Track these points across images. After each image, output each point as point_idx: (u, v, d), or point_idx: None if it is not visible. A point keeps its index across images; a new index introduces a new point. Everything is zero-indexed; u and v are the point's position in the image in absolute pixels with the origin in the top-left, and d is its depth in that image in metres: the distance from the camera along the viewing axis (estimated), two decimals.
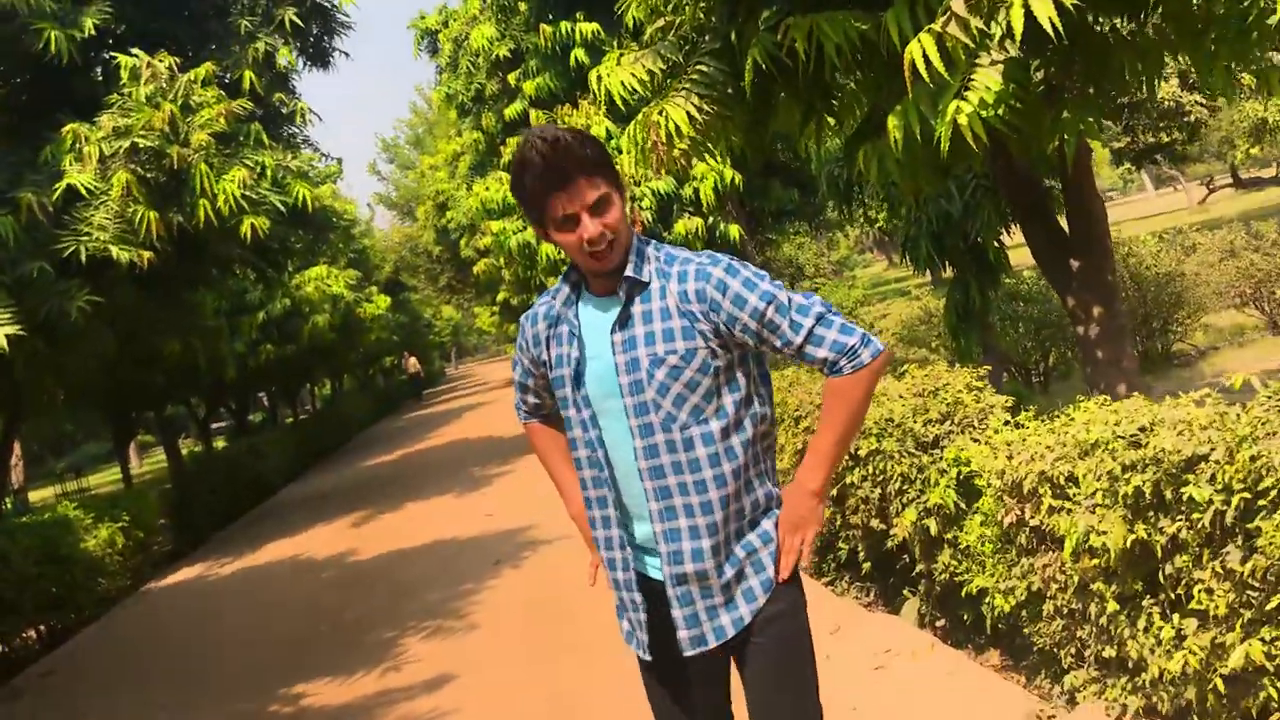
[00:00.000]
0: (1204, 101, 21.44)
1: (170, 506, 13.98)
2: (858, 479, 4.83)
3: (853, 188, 10.00)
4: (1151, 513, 2.83)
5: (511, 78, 14.60)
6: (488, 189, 13.02)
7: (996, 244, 8.90)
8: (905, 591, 4.92)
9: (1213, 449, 2.59)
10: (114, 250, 9.35)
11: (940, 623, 4.71)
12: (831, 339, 2.11)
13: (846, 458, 4.86)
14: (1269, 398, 2.65)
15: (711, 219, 12.04)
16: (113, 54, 9.91)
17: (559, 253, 12.01)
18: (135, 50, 9.73)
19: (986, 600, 3.96)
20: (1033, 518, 3.42)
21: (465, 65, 16.36)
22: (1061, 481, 3.23)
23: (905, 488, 4.47)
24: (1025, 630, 3.78)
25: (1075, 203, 5.49)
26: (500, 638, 5.82)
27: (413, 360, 40.27)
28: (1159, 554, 2.83)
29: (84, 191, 9.46)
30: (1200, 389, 2.97)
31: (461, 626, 6.14)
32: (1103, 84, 4.80)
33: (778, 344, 2.12)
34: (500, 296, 23.84)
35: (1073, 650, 3.50)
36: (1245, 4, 3.80)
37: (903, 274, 39.84)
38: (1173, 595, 2.86)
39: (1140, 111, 20.82)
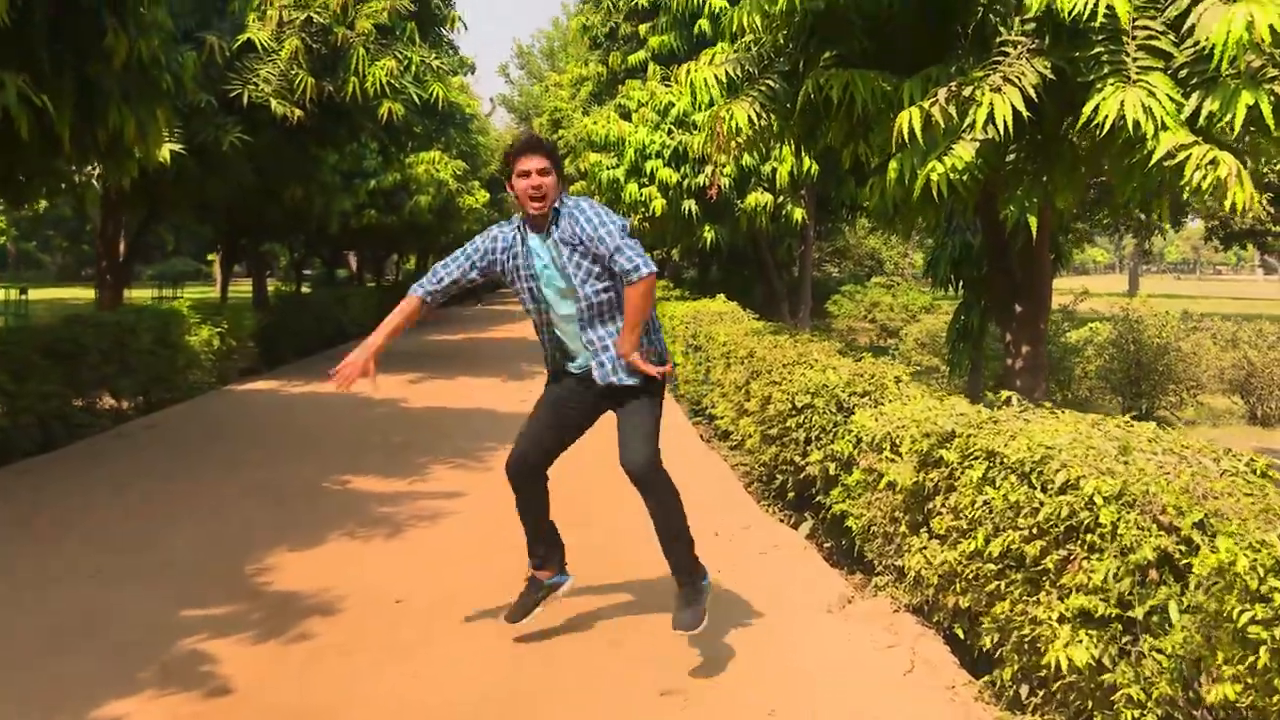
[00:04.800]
0: None
1: (258, 329, 15.78)
2: (793, 425, 6.34)
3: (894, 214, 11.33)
4: (927, 466, 4.32)
5: (643, 28, 15.98)
6: (594, 123, 14.47)
7: None
8: (806, 514, 6.45)
9: (960, 432, 4.07)
10: (273, 102, 11.05)
11: (828, 544, 6.23)
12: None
13: (789, 407, 6.38)
14: (1009, 407, 4.13)
15: (782, 198, 13.44)
16: None
17: (640, 194, 13.51)
18: None
19: (846, 522, 5.48)
20: (877, 464, 4.92)
21: (607, 4, 17.74)
22: (895, 441, 4.73)
23: (821, 436, 5.97)
24: (864, 548, 5.30)
25: (1026, 259, 6.89)
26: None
27: None
28: (926, 493, 4.33)
29: (259, 47, 11.13)
30: None
31: (480, 466, 7.80)
32: (1054, 177, 6.16)
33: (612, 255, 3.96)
34: None
35: (884, 562, 5.02)
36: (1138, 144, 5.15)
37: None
38: (930, 525, 4.36)
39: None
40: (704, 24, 14.42)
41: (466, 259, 4.16)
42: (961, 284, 10.68)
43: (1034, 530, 3.31)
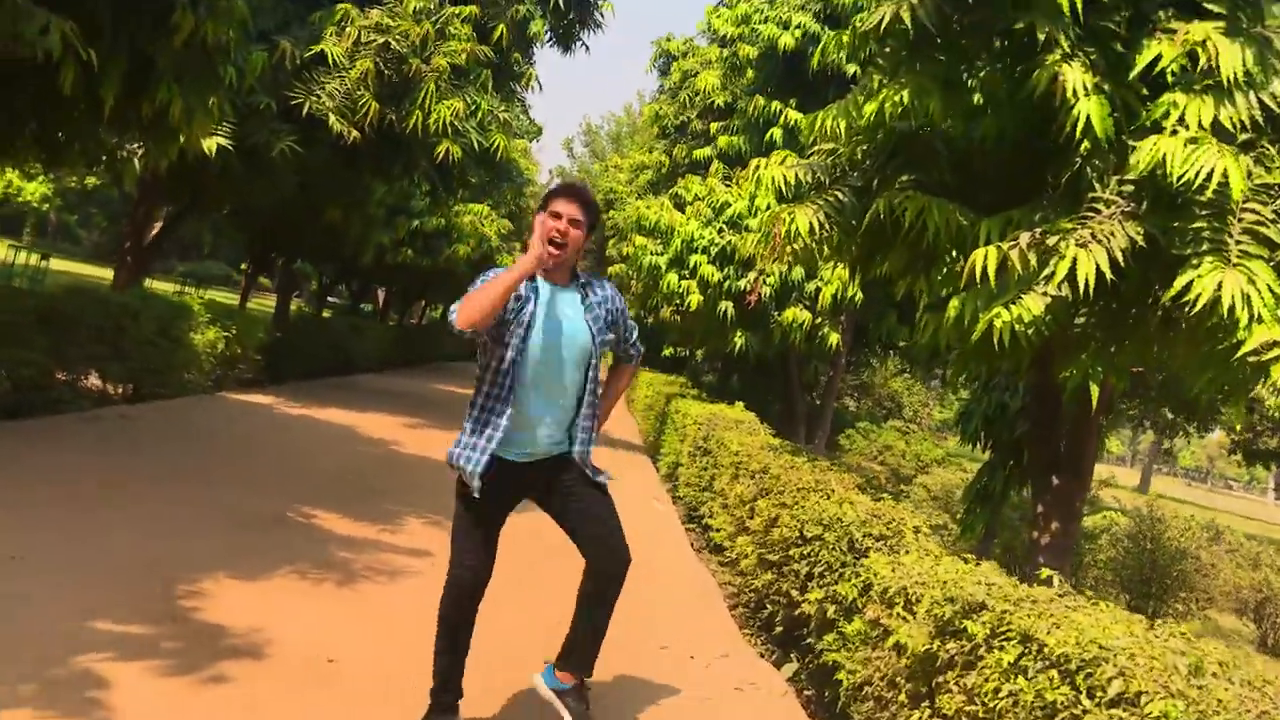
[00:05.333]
0: None
1: (269, 343, 15.36)
2: (797, 555, 5.85)
3: (934, 357, 10.96)
4: (946, 635, 3.83)
5: (714, 126, 15.85)
6: (648, 208, 14.24)
7: None
8: (792, 654, 5.91)
9: (993, 605, 3.59)
10: (332, 118, 10.81)
11: (809, 692, 5.68)
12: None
13: (796, 534, 5.89)
14: (1050, 582, 3.65)
15: (820, 319, 13.08)
16: None
17: (679, 285, 13.19)
18: None
19: (837, 675, 4.95)
20: (885, 619, 4.42)
21: (684, 97, 17.68)
22: (911, 598, 4.24)
23: (825, 573, 5.47)
24: (851, 707, 4.76)
25: (1073, 430, 6.44)
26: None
27: None
28: (939, 664, 3.82)
29: (331, 61, 10.92)
30: None
31: None
32: (1123, 349, 5.74)
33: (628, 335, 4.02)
34: None
35: None
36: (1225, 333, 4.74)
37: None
38: (935, 701, 3.84)
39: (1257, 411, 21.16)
40: (776, 133, 14.27)
41: None
42: (990, 444, 10.23)
43: None
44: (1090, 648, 2.90)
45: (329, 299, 28.59)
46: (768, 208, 12.69)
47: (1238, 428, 10.79)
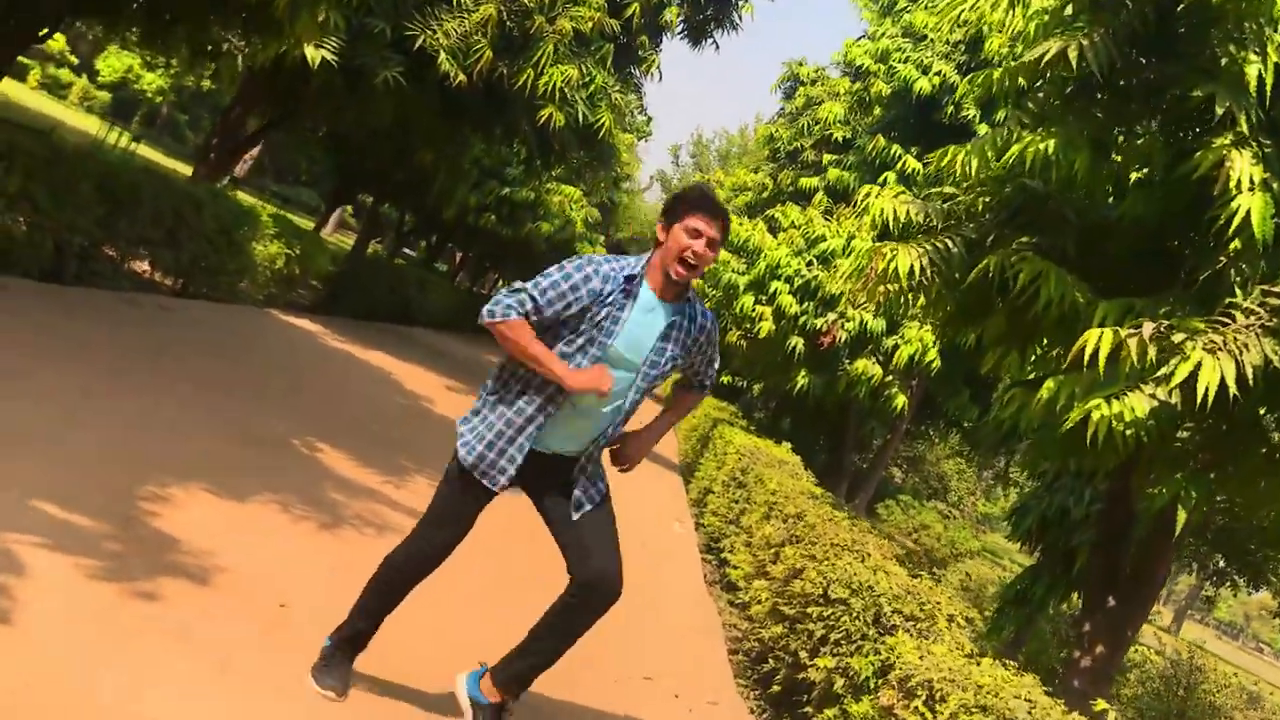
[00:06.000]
0: None
1: (332, 274, 15.01)
2: (815, 615, 5.31)
3: (1005, 441, 10.30)
4: None
5: (827, 158, 15.33)
6: (740, 225, 13.76)
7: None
8: (785, 718, 5.37)
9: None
10: (443, 56, 10.46)
11: None
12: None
13: (820, 591, 5.35)
14: (1103, 717, 3.10)
15: (890, 379, 12.48)
16: None
17: (753, 310, 12.68)
18: None
19: None
20: (900, 709, 3.88)
21: (803, 124, 17.18)
22: (936, 694, 3.69)
23: (843, 642, 4.93)
24: None
25: (1143, 554, 5.82)
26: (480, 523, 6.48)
27: None
28: None
29: (455, 0, 10.57)
30: None
31: None
32: (1224, 477, 5.14)
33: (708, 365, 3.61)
34: None
35: None
36: None
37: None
38: None
39: None
40: (890, 176, 13.70)
41: (561, 302, 3.18)
42: (1041, 547, 9.57)
43: None
44: None
45: (405, 249, 28.49)
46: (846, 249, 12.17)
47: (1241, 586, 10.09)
